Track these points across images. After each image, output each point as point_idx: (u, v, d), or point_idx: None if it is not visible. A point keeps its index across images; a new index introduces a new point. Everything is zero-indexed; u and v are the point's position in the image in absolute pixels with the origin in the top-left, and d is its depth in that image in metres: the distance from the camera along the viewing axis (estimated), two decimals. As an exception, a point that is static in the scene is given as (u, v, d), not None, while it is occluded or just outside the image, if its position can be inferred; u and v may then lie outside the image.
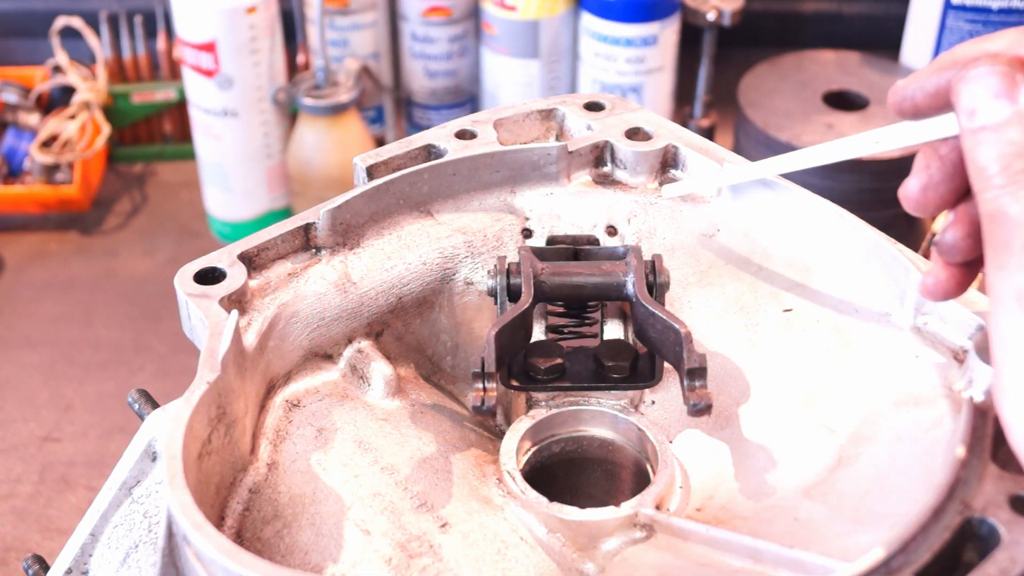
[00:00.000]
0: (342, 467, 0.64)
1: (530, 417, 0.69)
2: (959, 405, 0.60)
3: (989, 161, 0.50)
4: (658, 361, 0.69)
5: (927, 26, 1.46)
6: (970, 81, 0.51)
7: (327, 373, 0.69)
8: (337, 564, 0.59)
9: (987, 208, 0.50)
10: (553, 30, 1.44)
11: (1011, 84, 0.50)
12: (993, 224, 0.49)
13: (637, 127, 0.77)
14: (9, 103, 1.52)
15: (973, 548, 0.53)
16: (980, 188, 0.50)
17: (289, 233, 0.69)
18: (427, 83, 1.51)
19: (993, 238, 0.50)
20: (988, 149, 0.50)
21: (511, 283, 0.69)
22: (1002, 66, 0.50)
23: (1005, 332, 0.49)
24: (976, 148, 0.50)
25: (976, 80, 0.51)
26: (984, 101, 0.50)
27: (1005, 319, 0.49)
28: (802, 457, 0.64)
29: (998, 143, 0.50)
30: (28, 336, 1.35)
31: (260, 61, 1.36)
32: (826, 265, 0.70)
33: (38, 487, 1.17)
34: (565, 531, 0.62)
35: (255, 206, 1.45)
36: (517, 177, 0.75)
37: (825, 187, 1.07)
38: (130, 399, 0.71)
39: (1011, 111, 0.50)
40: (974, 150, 0.50)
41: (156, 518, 0.65)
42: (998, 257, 0.49)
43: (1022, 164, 0.49)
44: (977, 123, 0.50)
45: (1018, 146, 0.49)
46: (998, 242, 0.49)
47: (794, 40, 1.64)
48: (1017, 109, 0.50)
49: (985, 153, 0.50)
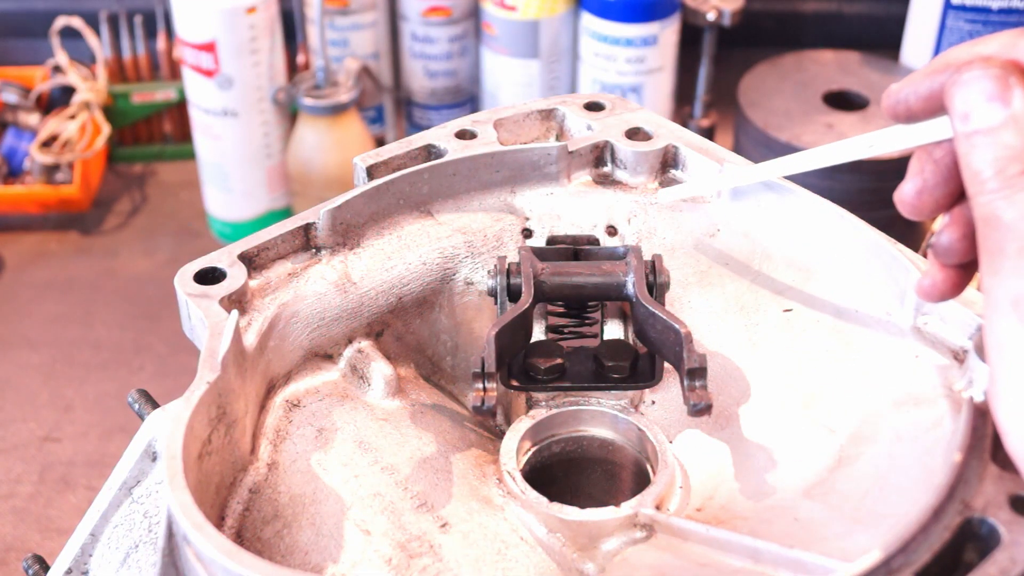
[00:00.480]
0: (342, 467, 0.64)
1: (530, 417, 0.69)
2: (959, 405, 0.60)
3: (983, 165, 0.49)
4: (658, 361, 0.69)
5: (927, 26, 1.46)
6: (963, 85, 0.51)
7: (327, 373, 0.69)
8: (337, 564, 0.59)
9: (981, 212, 0.50)
10: (553, 30, 1.44)
11: (1004, 87, 0.50)
12: (987, 228, 0.49)
13: (637, 127, 0.77)
14: (9, 103, 1.52)
15: (973, 548, 0.53)
16: (974, 192, 0.50)
17: (289, 233, 0.69)
18: (427, 83, 1.51)
19: (987, 243, 0.49)
20: (982, 153, 0.49)
21: (511, 283, 0.69)
22: (995, 69, 0.50)
23: (1000, 337, 0.49)
24: (970, 152, 0.50)
25: (969, 84, 0.50)
26: (978, 105, 0.50)
27: (1000, 324, 0.49)
28: (802, 457, 0.64)
29: (992, 147, 0.49)
30: (28, 336, 1.35)
31: (260, 61, 1.36)
32: (826, 265, 0.70)
33: (38, 487, 1.17)
34: (565, 531, 0.62)
35: (255, 206, 1.45)
36: (517, 177, 0.75)
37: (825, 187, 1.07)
38: (130, 399, 0.71)
39: (1005, 114, 0.49)
40: (968, 154, 0.50)
41: (156, 518, 0.65)
42: (992, 262, 0.49)
43: (1016, 168, 0.48)
44: (971, 127, 0.50)
45: (1012, 150, 0.49)
46: (992, 247, 0.49)
47: (794, 40, 1.64)
48: (1011, 112, 0.49)
49: (979, 157, 0.50)
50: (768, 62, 1.49)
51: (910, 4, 1.49)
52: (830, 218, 0.69)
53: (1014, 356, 0.48)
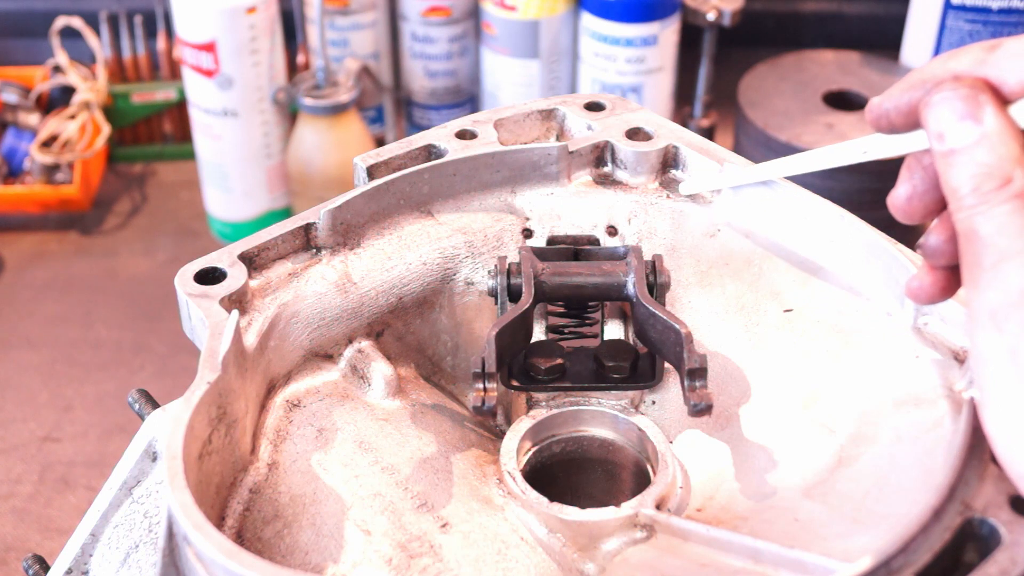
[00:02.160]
0: (342, 467, 0.64)
1: (530, 417, 0.69)
2: (959, 405, 0.60)
3: (960, 182, 0.50)
4: (658, 361, 0.69)
5: (927, 26, 1.46)
6: (935, 106, 0.52)
7: (327, 373, 0.69)
8: (337, 564, 0.59)
9: (961, 227, 0.51)
10: (553, 30, 1.43)
11: (975, 106, 0.51)
12: (967, 242, 0.50)
13: (637, 127, 0.77)
14: (9, 103, 1.52)
15: (974, 548, 0.53)
16: (954, 208, 0.51)
17: (289, 233, 0.69)
18: (427, 83, 1.51)
19: (967, 256, 0.51)
20: (959, 171, 0.51)
21: (511, 283, 0.69)
22: (965, 88, 0.51)
23: (983, 350, 0.50)
24: (948, 170, 0.51)
25: (940, 104, 0.52)
26: (951, 124, 0.51)
27: (981, 337, 0.50)
28: (802, 457, 0.64)
29: (968, 164, 0.50)
30: (28, 336, 1.35)
31: (260, 61, 1.36)
32: (826, 265, 0.70)
33: (38, 487, 1.17)
34: (565, 531, 0.62)
35: (255, 206, 1.45)
36: (517, 177, 0.75)
37: (825, 187, 1.07)
38: (130, 399, 0.71)
39: (978, 133, 0.50)
40: (946, 172, 0.51)
41: (156, 518, 0.65)
42: (972, 275, 0.50)
43: (992, 184, 0.50)
44: (946, 146, 0.51)
45: (987, 167, 0.50)
46: (971, 261, 0.50)
47: (794, 40, 1.64)
48: (983, 131, 0.50)
49: (956, 175, 0.51)
50: (768, 62, 1.49)
51: (910, 4, 1.48)
52: (830, 218, 0.69)
53: (995, 366, 0.49)
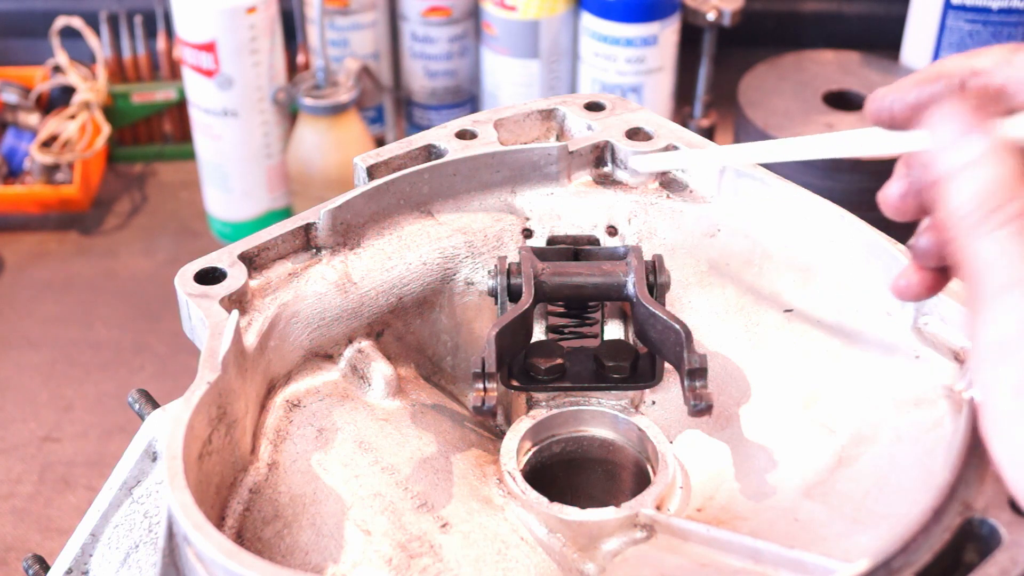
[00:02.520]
0: (342, 467, 0.64)
1: (530, 417, 0.69)
2: (959, 405, 0.60)
3: (963, 200, 0.48)
4: (658, 361, 0.69)
5: (927, 26, 1.46)
6: (940, 120, 0.50)
7: (327, 373, 0.69)
8: (337, 564, 0.59)
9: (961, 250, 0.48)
10: (553, 30, 1.44)
11: (981, 120, 0.49)
12: (968, 266, 0.48)
13: (637, 127, 0.77)
14: (9, 103, 1.52)
15: (974, 549, 0.53)
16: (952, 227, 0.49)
17: (289, 233, 0.69)
18: (427, 83, 1.51)
19: (969, 281, 0.48)
20: (961, 188, 0.48)
21: (511, 283, 0.69)
22: (971, 102, 0.49)
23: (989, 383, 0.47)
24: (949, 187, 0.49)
25: (946, 119, 0.49)
26: (954, 140, 0.49)
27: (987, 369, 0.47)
28: (802, 457, 0.64)
29: (972, 181, 0.48)
30: (28, 336, 1.35)
31: (260, 61, 1.36)
32: (826, 265, 0.70)
33: (38, 487, 1.17)
34: (565, 531, 0.62)
35: (255, 206, 1.45)
36: (517, 177, 0.75)
37: (825, 187, 1.07)
38: (130, 399, 0.71)
39: (982, 148, 0.48)
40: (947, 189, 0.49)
41: (156, 518, 0.65)
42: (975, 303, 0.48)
43: (995, 202, 0.47)
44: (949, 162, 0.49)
45: (991, 184, 0.48)
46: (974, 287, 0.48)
47: (794, 40, 1.64)
48: (988, 147, 0.48)
49: (958, 193, 0.48)
50: (768, 62, 1.49)
51: (910, 4, 1.48)
52: (830, 218, 0.69)
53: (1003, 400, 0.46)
